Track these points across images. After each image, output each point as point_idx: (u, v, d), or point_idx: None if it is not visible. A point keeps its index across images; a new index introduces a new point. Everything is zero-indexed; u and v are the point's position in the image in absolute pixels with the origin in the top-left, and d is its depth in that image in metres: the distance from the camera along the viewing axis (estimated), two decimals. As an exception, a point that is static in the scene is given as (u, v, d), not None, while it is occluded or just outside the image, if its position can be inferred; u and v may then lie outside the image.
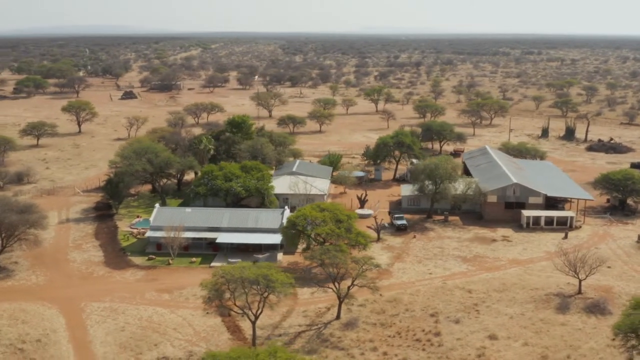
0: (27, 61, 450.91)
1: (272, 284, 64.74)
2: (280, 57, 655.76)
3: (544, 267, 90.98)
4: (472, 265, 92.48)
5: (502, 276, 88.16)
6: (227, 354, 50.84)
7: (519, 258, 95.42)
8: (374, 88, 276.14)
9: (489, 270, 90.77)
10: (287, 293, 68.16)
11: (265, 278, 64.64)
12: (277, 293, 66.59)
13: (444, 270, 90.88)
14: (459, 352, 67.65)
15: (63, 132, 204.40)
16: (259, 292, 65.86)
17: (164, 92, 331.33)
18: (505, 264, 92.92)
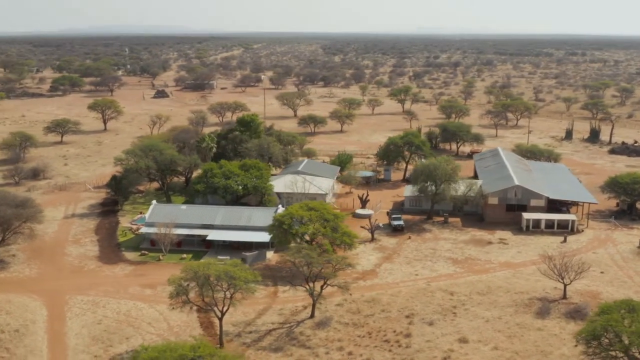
0: (68, 60, 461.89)
1: (234, 281, 65.16)
2: (319, 57, 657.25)
3: (534, 271, 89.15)
4: (461, 268, 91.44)
5: (489, 279, 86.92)
6: (157, 347, 51.52)
7: (511, 261, 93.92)
8: (401, 88, 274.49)
9: (477, 272, 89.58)
10: (251, 291, 68.44)
11: (227, 275, 65.10)
12: (241, 290, 66.99)
13: (431, 271, 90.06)
14: (425, 354, 67.06)
15: (89, 130, 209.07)
16: (223, 289, 66.35)
17: (196, 92, 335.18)
18: (496, 267, 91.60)
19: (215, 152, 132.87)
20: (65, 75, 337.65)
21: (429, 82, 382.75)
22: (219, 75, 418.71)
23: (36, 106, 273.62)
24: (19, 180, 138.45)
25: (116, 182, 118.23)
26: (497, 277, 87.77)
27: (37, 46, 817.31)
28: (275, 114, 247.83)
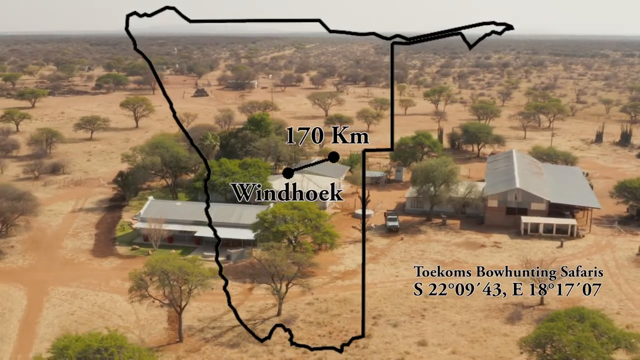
0: (117, 58, 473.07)
1: (188, 277, 66.08)
2: (369, 57, 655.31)
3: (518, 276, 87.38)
4: (445, 270, 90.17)
5: (470, 282, 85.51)
6: (71, 336, 52.72)
7: (500, 265, 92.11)
8: (435, 89, 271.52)
9: (457, 276, 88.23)
10: (205, 287, 69.27)
11: (181, 271, 66.06)
12: (196, 286, 67.93)
13: (413, 274, 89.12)
14: (380, 355, 66.65)
15: (120, 127, 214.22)
16: (178, 284, 67.36)
17: (237, 91, 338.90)
18: (481, 270, 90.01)
19: (225, 150, 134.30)
20: (110, 74, 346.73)
21: (473, 83, 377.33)
22: (263, 75, 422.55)
23: (78, 103, 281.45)
24: (38, 174, 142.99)
25: (123, 178, 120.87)
26: (478, 280, 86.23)
27: (94, 45, 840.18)
28: (308, 113, 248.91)
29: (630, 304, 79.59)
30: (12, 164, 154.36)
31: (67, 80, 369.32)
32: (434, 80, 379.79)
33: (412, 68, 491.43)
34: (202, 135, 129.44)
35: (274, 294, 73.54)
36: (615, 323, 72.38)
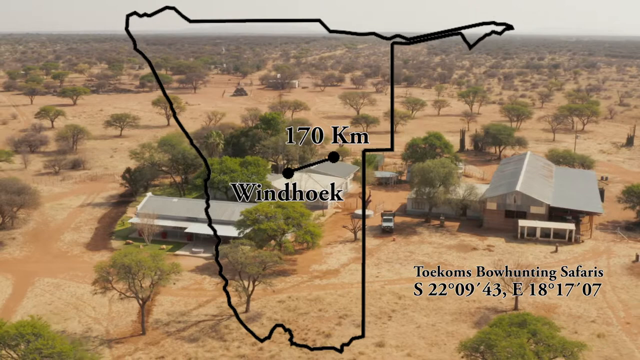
0: (166, 58, 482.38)
1: (143, 270, 67.36)
2: (420, 58, 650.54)
3: (499, 280, 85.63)
4: (427, 272, 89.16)
5: (443, 282, 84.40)
6: None
7: (485, 269, 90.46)
8: (470, 89, 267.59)
9: (441, 277, 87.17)
10: (165, 282, 70.45)
11: (138, 265, 67.38)
12: (156, 281, 69.18)
13: (394, 274, 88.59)
14: (333, 354, 66.48)
15: (153, 125, 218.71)
16: (138, 278, 68.68)
17: (276, 90, 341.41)
18: (464, 273, 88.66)
19: (235, 148, 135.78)
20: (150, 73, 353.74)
21: (518, 84, 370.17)
22: (307, 75, 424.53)
23: (119, 101, 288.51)
24: (58, 169, 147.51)
25: (130, 175, 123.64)
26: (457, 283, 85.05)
27: (150, 44, 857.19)
28: (340, 113, 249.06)
29: (609, 312, 77.17)
30: (37, 159, 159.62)
31: (114, 79, 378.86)
32: (477, 81, 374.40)
33: (460, 69, 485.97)
34: (206, 134, 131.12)
35: (237, 290, 74.12)
36: (587, 331, 71.24)
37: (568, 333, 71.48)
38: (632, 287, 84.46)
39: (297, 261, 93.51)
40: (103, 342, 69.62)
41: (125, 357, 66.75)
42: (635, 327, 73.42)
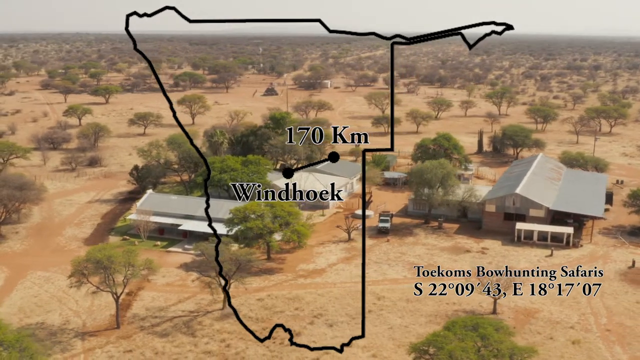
0: (203, 57, 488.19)
1: (113, 265, 68.63)
2: (461, 58, 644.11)
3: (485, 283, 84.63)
4: (413, 274, 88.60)
5: (430, 287, 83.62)
6: None
7: (473, 271, 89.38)
8: (497, 90, 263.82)
9: (424, 280, 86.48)
10: (135, 277, 71.63)
11: (109, 260, 68.66)
12: (130, 276, 70.45)
13: (380, 275, 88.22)
14: (298, 353, 66.72)
15: (175, 123, 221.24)
16: (109, 273, 69.96)
17: (307, 90, 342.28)
18: (450, 276, 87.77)
19: (244, 147, 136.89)
20: (187, 72, 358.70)
21: (554, 85, 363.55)
22: (342, 75, 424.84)
23: (150, 100, 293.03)
24: (75, 166, 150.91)
25: (137, 172, 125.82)
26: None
27: (193, 44, 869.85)
28: (365, 113, 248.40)
29: (591, 318, 75.47)
30: (58, 155, 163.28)
31: (150, 78, 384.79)
32: (512, 82, 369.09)
33: (498, 69, 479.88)
34: (210, 132, 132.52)
35: (210, 286, 74.91)
36: (563, 337, 69.93)
37: (543, 339, 70.42)
38: (622, 294, 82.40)
39: (286, 260, 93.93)
40: (78, 335, 71.19)
41: (95, 349, 68.15)
42: (614, 334, 71.67)
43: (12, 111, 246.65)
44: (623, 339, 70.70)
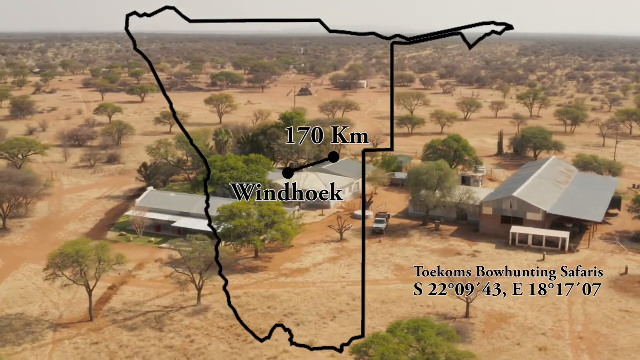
0: (245, 58, 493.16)
1: (81, 259, 70.36)
2: (507, 59, 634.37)
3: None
4: (396, 275, 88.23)
5: (408, 288, 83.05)
6: None
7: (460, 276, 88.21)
8: (529, 91, 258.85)
9: (406, 281, 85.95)
10: (104, 271, 73.22)
11: (77, 254, 70.42)
12: (101, 271, 72.23)
13: (361, 275, 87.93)
14: (258, 351, 67.32)
15: (205, 122, 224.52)
16: (80, 267, 71.75)
17: (343, 90, 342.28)
18: (432, 278, 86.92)
19: (254, 147, 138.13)
20: (224, 72, 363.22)
21: (597, 87, 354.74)
22: (382, 75, 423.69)
23: (186, 99, 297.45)
24: (94, 163, 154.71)
25: (146, 170, 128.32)
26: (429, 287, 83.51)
27: (240, 44, 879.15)
28: (389, 113, 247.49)
29: (567, 325, 73.78)
30: (80, 152, 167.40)
31: (191, 77, 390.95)
32: (553, 84, 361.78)
33: (543, 70, 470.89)
34: (216, 131, 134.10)
35: (179, 282, 76.06)
36: (531, 343, 68.68)
37: (510, 344, 69.31)
38: (606, 301, 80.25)
39: (273, 259, 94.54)
40: (52, 326, 73.24)
41: (64, 341, 70.04)
42: (586, 342, 69.94)
43: (49, 109, 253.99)
44: (594, 347, 68.95)
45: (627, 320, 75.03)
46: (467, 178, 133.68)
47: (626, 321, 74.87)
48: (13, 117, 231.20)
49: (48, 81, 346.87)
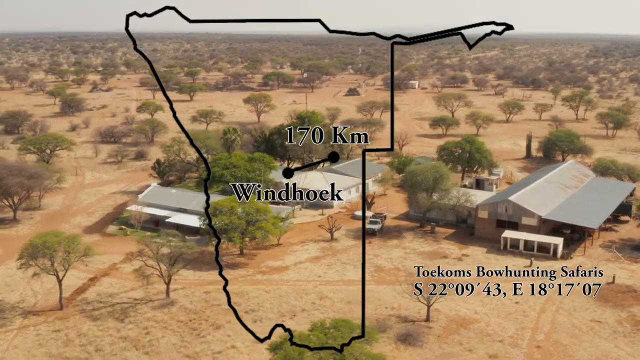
0: (300, 57, 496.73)
1: (46, 250, 73.21)
2: (575, 60, 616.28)
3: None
4: (372, 276, 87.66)
5: (379, 290, 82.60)
6: None
7: (435, 276, 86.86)
8: (576, 93, 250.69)
9: (380, 283, 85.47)
10: (69, 262, 75.83)
11: (44, 245, 73.31)
12: (72, 261, 75.21)
13: (339, 275, 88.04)
14: (206, 345, 68.50)
15: (245, 121, 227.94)
16: (46, 257, 74.69)
17: (394, 90, 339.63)
18: (406, 280, 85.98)
19: (267, 146, 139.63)
20: (275, 72, 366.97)
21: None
22: (438, 76, 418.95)
23: (233, 99, 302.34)
24: (121, 159, 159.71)
25: (159, 166, 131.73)
26: (389, 289, 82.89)
27: (306, 44, 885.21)
28: (433, 115, 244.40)
29: (529, 333, 71.76)
30: (112, 148, 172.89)
31: (245, 77, 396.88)
32: (611, 86, 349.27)
33: (607, 72, 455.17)
34: (224, 130, 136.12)
35: (142, 275, 78.04)
36: (483, 350, 67.52)
37: (462, 350, 68.12)
38: (580, 310, 77.59)
39: (256, 256, 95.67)
40: (23, 313, 76.49)
41: (29, 327, 73.07)
42: (542, 352, 67.95)
43: (99, 106, 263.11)
44: (549, 357, 66.94)
45: (595, 331, 72.40)
46: (481, 181, 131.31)
47: (594, 332, 72.27)
48: (62, 113, 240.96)
49: (107, 79, 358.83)
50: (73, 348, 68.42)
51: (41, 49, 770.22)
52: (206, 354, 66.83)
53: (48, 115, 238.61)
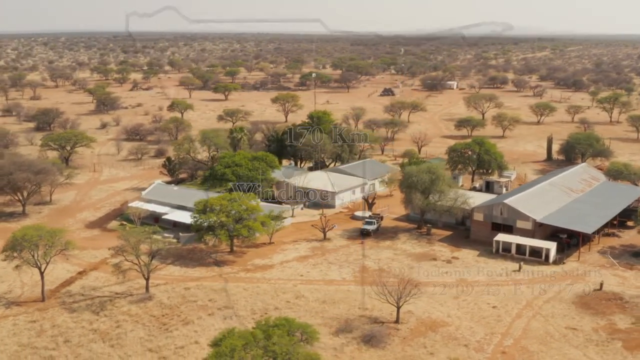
0: (340, 58, 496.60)
1: (25, 243, 75.55)
2: (625, 62, 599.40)
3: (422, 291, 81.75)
4: (354, 277, 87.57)
5: (357, 290, 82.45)
6: None
7: (417, 279, 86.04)
8: (609, 96, 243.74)
9: (360, 283, 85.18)
10: (46, 255, 77.94)
11: (23, 238, 75.65)
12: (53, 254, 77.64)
13: (322, 275, 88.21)
14: (171, 340, 69.60)
15: (272, 120, 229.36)
16: (27, 250, 77.04)
17: (430, 91, 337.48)
18: (388, 281, 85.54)
19: (279, 145, 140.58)
20: (311, 71, 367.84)
21: None
22: (479, 77, 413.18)
23: (266, 98, 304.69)
24: (140, 156, 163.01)
25: (169, 164, 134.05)
26: (369, 290, 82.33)
27: (353, 45, 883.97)
28: (462, 115, 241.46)
29: (497, 338, 70.62)
30: (133, 146, 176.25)
31: (284, 77, 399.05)
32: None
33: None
34: (231, 129, 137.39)
35: (118, 268, 79.70)
36: (444, 354, 67.08)
37: (423, 353, 67.57)
38: (558, 317, 75.89)
39: (246, 254, 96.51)
40: (7, 304, 79.09)
41: (9, 317, 75.56)
42: (506, 357, 66.79)
43: (134, 105, 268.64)
44: (512, 362, 65.82)
45: (568, 339, 70.77)
46: (490, 183, 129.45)
47: (566, 339, 70.64)
48: (97, 111, 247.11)
49: (149, 78, 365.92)
50: (44, 338, 70.45)
51: (94, 47, 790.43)
52: (169, 348, 67.94)
53: (84, 112, 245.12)
